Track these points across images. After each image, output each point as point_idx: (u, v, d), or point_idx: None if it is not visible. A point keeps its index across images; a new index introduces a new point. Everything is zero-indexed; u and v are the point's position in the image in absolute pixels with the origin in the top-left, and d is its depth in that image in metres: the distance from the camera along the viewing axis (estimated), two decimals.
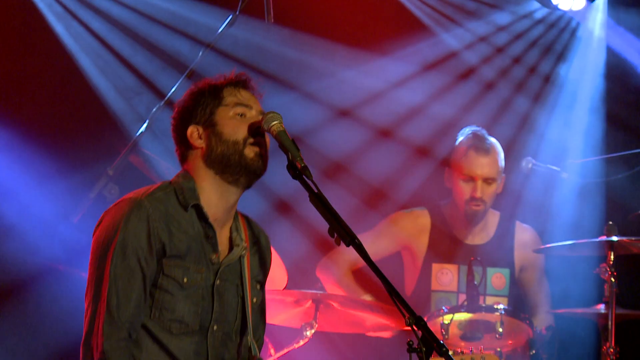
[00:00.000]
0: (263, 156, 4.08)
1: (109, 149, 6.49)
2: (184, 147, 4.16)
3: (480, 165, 6.33)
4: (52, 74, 7.03)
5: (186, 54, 7.00)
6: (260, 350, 4.40)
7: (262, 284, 4.34)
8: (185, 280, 4.07)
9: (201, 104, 4.19)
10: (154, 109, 6.23)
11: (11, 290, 6.71)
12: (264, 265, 4.29)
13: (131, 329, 4.02)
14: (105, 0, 7.14)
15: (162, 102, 6.32)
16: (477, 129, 6.60)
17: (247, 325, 4.24)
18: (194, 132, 4.13)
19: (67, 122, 7.06)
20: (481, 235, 6.48)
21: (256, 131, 4.06)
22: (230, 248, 4.19)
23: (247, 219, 4.27)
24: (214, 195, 4.12)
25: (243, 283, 4.21)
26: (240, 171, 4.05)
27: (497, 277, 6.57)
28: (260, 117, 4.13)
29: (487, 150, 6.39)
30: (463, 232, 6.42)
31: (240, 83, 4.22)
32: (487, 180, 6.31)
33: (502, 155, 6.45)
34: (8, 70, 6.89)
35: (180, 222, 4.08)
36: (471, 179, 6.31)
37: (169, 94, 6.28)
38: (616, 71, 7.57)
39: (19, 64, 6.94)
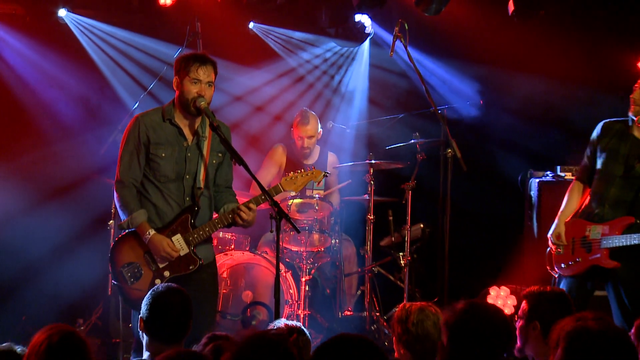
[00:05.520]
0: (198, 107, 5.03)
1: (117, 116, 7.97)
2: (173, 85, 5.18)
3: (305, 130, 8.05)
4: (87, 81, 8.52)
5: (157, 67, 8.44)
6: (212, 187, 5.20)
7: (224, 153, 5.23)
8: (163, 154, 5.14)
9: (180, 68, 5.15)
10: (141, 96, 7.96)
11: (66, 187, 8.20)
12: (223, 143, 5.00)
13: (134, 182, 5.14)
14: (115, 39, 8.63)
15: (145, 93, 8.01)
16: (304, 109, 8.24)
17: (206, 177, 5.17)
18: (175, 81, 5.20)
19: (96, 104, 8.67)
20: (311, 158, 8.26)
21: (194, 102, 5.11)
22: (195, 136, 5.21)
23: (210, 120, 4.97)
24: (181, 113, 5.21)
25: (203, 153, 5.14)
26: (189, 113, 5.16)
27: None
28: (206, 86, 5.05)
29: (309, 121, 8.12)
30: (301, 158, 8.11)
31: (199, 63, 5.13)
32: (310, 138, 8.08)
33: (317, 122, 8.14)
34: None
35: (162, 126, 5.15)
36: (301, 138, 8.06)
37: (149, 88, 8.04)
38: (376, 77, 9.47)
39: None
